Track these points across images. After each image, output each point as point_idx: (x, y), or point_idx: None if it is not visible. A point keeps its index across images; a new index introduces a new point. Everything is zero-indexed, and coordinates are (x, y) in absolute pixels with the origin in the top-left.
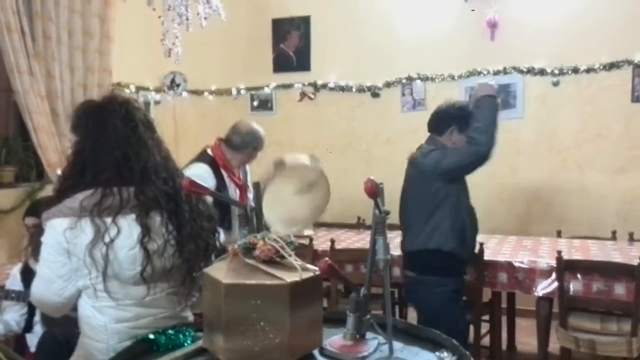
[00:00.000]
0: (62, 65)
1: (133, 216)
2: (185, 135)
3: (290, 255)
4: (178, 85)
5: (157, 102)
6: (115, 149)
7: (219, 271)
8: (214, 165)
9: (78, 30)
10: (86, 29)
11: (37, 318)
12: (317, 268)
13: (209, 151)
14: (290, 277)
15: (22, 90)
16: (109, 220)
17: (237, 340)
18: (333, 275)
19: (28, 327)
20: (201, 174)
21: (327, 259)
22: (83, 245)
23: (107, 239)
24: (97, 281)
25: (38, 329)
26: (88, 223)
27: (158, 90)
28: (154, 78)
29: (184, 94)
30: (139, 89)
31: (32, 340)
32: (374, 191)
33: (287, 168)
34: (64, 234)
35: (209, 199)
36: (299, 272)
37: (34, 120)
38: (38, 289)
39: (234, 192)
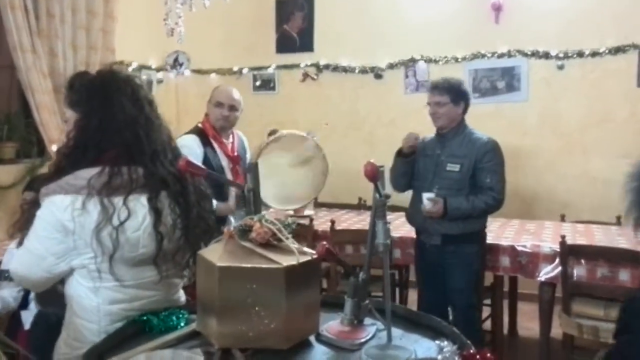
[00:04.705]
0: (65, 44)
1: (139, 197)
2: (187, 114)
3: (287, 238)
4: (181, 65)
5: (159, 81)
6: (124, 129)
7: (214, 253)
8: (203, 135)
9: (82, 8)
10: (90, 8)
11: (32, 295)
12: (314, 252)
13: (200, 125)
14: (286, 261)
15: (24, 68)
16: (117, 200)
17: (231, 325)
18: (331, 259)
19: (24, 304)
20: (188, 144)
21: (324, 242)
22: (89, 226)
23: (115, 222)
24: (103, 259)
25: (34, 306)
26: (96, 203)
27: (161, 69)
28: (157, 57)
29: (187, 73)
30: (141, 67)
31: (27, 317)
32: (374, 175)
33: (282, 137)
34: (66, 212)
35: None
36: (295, 255)
37: (36, 98)
38: (25, 263)
39: (225, 162)
